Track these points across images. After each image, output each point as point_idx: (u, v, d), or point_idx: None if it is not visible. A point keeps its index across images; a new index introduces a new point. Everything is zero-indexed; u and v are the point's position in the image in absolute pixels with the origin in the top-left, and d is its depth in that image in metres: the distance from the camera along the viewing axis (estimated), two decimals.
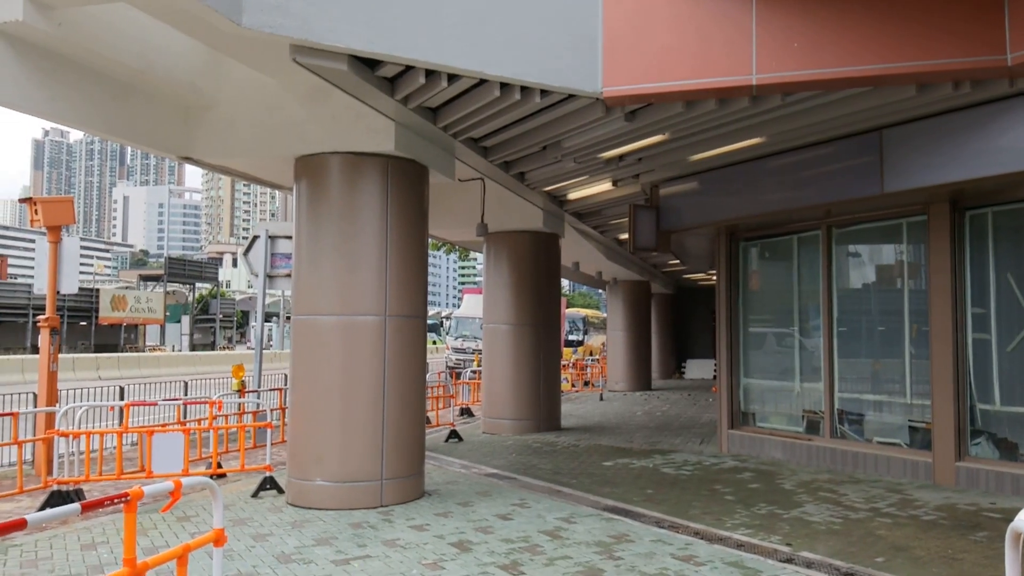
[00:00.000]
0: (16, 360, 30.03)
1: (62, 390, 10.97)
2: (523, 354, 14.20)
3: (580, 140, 8.83)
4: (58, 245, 9.92)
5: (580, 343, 34.95)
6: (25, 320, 50.27)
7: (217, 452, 9.38)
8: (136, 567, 3.16)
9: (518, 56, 6.76)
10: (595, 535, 6.84)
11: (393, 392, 8.26)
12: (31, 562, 6.00)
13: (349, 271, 8.20)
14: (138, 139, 8.13)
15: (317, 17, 6.01)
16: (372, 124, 7.99)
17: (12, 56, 6.49)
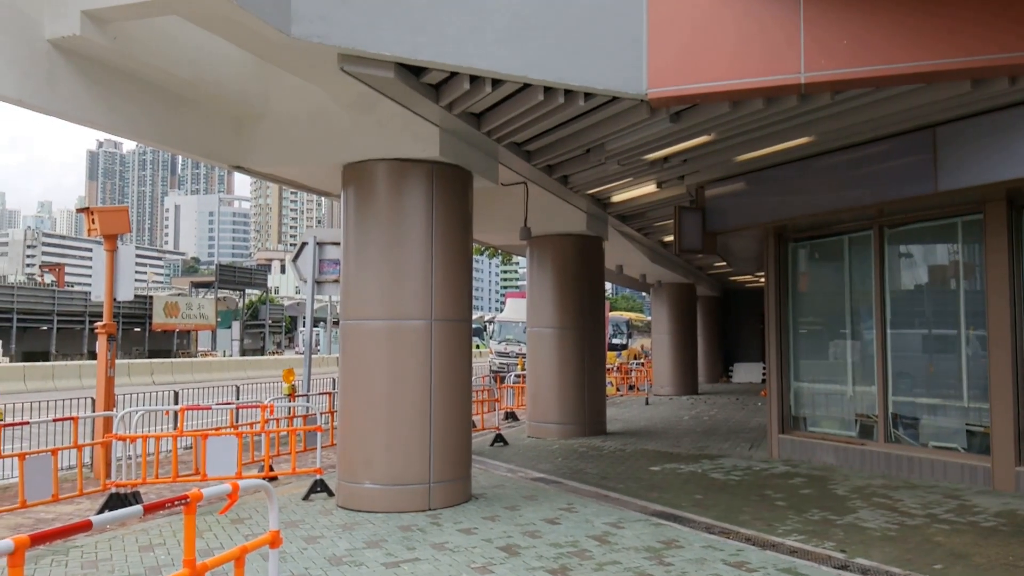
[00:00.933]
0: (74, 366, 30.96)
1: (119, 395, 11.27)
2: (567, 358, 14.17)
3: (624, 142, 8.79)
4: (114, 253, 10.21)
5: (624, 347, 34.71)
6: (82, 327, 51.83)
7: (269, 455, 9.54)
8: (196, 568, 3.23)
9: (562, 60, 6.76)
10: (644, 540, 6.79)
11: (440, 395, 8.31)
12: (91, 563, 6.17)
13: (395, 276, 8.29)
14: (191, 149, 8.33)
15: (364, 26, 6.09)
16: (417, 131, 8.07)
17: (70, 70, 6.69)
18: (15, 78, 6.27)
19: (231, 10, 5.38)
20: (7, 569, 2.60)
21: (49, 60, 6.50)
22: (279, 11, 5.70)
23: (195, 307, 57.06)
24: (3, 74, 6.16)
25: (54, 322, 50.65)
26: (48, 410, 11.21)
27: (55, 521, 7.90)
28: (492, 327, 36.95)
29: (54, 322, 50.65)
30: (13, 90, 6.30)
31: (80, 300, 53.79)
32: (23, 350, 47.15)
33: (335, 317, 65.81)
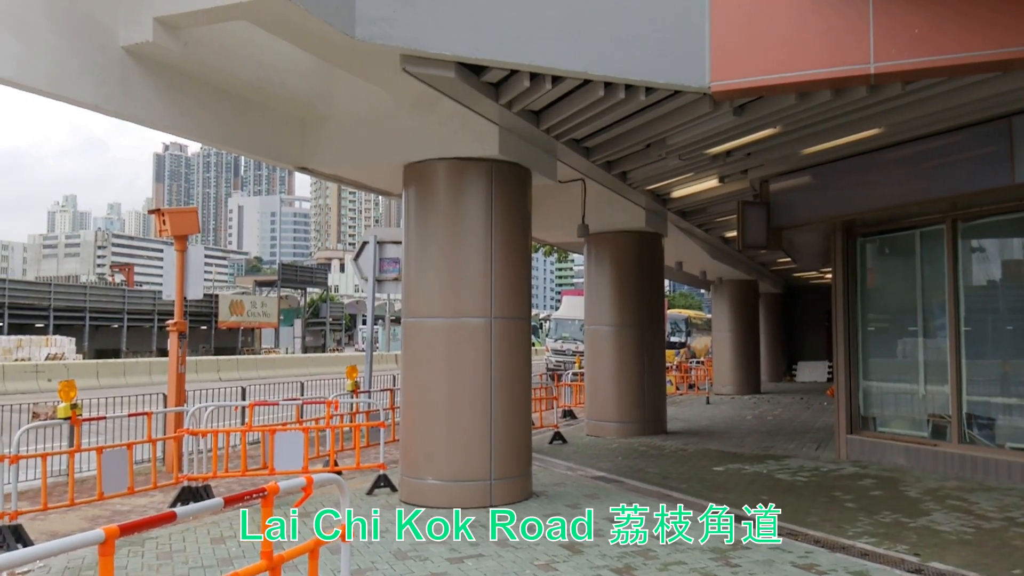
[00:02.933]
0: (144, 363, 32.03)
1: (189, 391, 11.60)
2: (626, 356, 14.05)
3: (685, 136, 8.67)
4: (184, 253, 10.52)
5: (683, 345, 34.27)
6: (150, 325, 53.57)
7: (334, 450, 9.70)
8: (273, 560, 3.30)
9: (623, 54, 6.70)
10: (709, 541, 6.68)
11: (500, 392, 8.33)
12: (166, 554, 6.37)
13: (455, 274, 8.34)
14: (258, 151, 8.53)
15: (426, 26, 6.14)
16: (477, 129, 8.10)
17: (143, 76, 6.91)
18: (91, 84, 6.50)
19: (298, 14, 5.48)
20: (98, 558, 2.70)
21: (123, 66, 6.72)
22: (343, 14, 5.79)
23: (259, 305, 58.45)
24: (80, 81, 6.40)
25: (124, 320, 52.47)
26: (122, 405, 11.61)
27: (131, 513, 8.18)
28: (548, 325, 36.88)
29: (124, 320, 52.47)
30: (90, 96, 6.54)
31: (149, 299, 55.64)
32: (95, 347, 48.98)
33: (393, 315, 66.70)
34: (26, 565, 5.62)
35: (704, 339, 36.59)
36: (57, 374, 26.63)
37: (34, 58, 6.01)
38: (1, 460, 7.01)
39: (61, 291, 51.52)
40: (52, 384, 25.24)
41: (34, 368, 27.87)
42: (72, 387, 8.25)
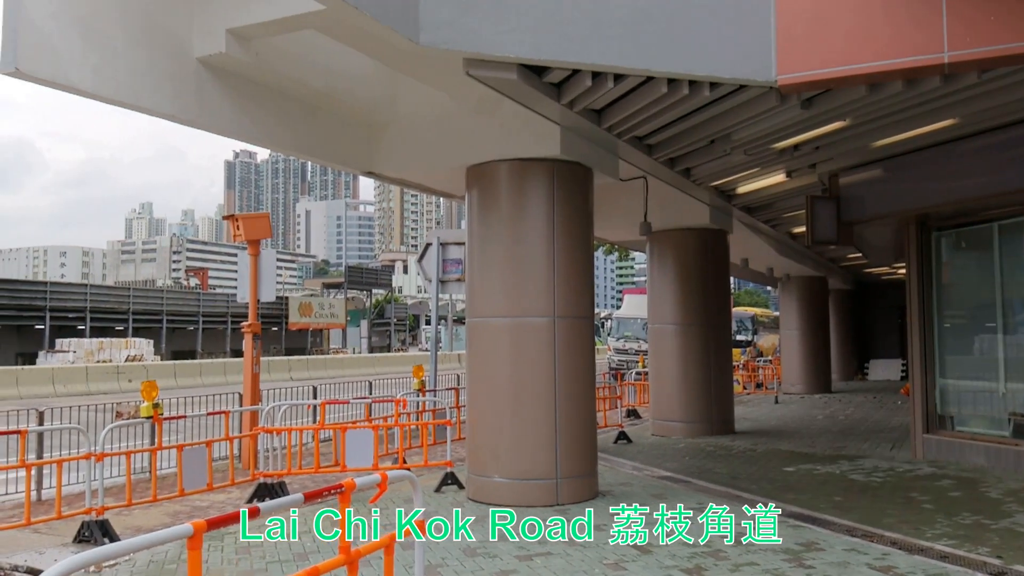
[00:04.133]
0: (219, 363, 33.09)
1: (262, 390, 11.95)
2: (692, 354, 13.89)
3: (751, 131, 8.54)
4: (257, 257, 10.85)
5: (749, 343, 33.65)
6: (224, 326, 55.23)
7: (403, 448, 9.87)
8: (350, 554, 3.40)
9: (686, 50, 6.64)
10: (782, 542, 6.58)
11: (564, 391, 8.35)
12: (244, 548, 6.59)
13: (518, 274, 8.40)
14: (326, 157, 8.74)
15: (488, 30, 6.21)
16: (538, 130, 8.14)
17: (217, 86, 7.17)
18: (168, 95, 6.78)
19: (365, 22, 5.61)
20: (186, 551, 2.83)
21: (197, 77, 6.99)
22: (408, 21, 5.90)
23: (326, 307, 59.69)
24: (157, 92, 6.68)
25: (199, 322, 54.21)
26: (199, 405, 12.03)
27: (209, 509, 8.47)
28: (609, 324, 36.62)
29: (199, 322, 54.21)
30: (166, 106, 6.82)
31: (222, 301, 57.38)
32: (172, 349, 50.73)
33: (455, 315, 67.27)
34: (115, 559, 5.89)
35: (771, 337, 35.86)
36: (137, 375, 27.75)
37: (113, 71, 6.29)
38: (88, 457, 7.35)
39: (139, 295, 53.54)
40: (132, 384, 26.35)
41: (115, 369, 29.07)
42: (154, 387, 8.60)
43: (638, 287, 67.89)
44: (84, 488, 7.40)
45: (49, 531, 7.36)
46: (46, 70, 5.81)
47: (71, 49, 5.93)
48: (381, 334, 70.78)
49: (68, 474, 8.24)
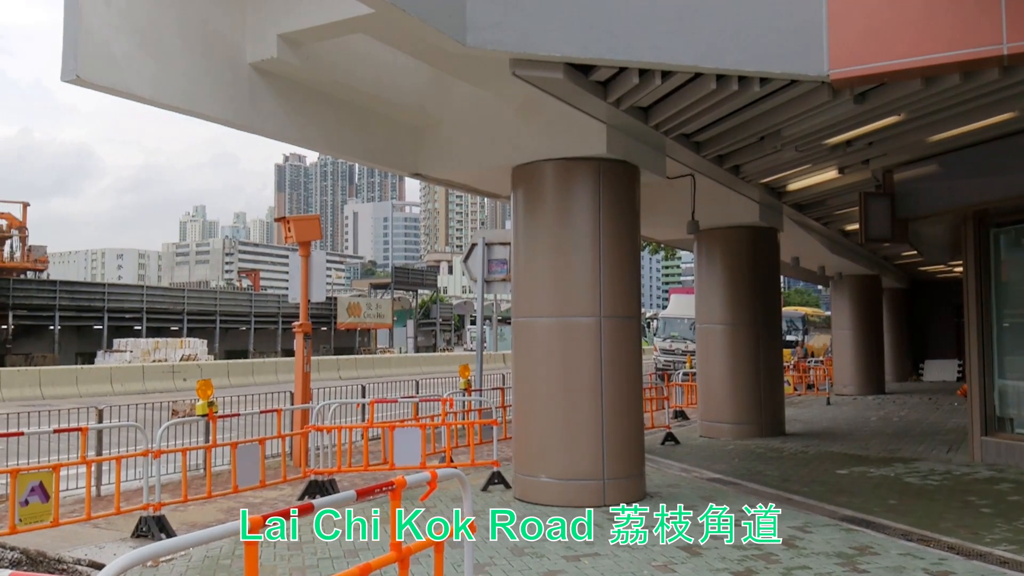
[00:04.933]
0: (270, 362, 33.72)
1: (312, 389, 12.14)
2: (741, 355, 13.70)
3: (802, 127, 8.38)
4: (308, 259, 11.03)
5: (799, 343, 33.04)
6: (275, 326, 56.26)
7: (450, 447, 9.93)
8: (401, 551, 3.44)
9: (735, 45, 6.55)
10: (834, 545, 6.46)
11: (611, 392, 8.31)
12: (296, 545, 6.69)
13: (564, 273, 8.38)
14: (375, 159, 8.84)
15: (534, 29, 6.21)
16: (584, 128, 8.12)
17: (269, 91, 7.31)
18: (222, 100, 6.93)
19: (412, 24, 5.66)
20: (241, 547, 2.89)
21: (250, 82, 7.13)
22: (455, 22, 5.93)
23: (374, 307, 60.39)
24: (212, 97, 6.83)
25: (251, 323, 55.33)
26: (251, 403, 12.27)
27: (262, 505, 8.63)
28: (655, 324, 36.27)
29: (251, 323, 55.33)
30: (221, 112, 6.97)
31: (273, 302, 58.49)
32: (225, 348, 51.87)
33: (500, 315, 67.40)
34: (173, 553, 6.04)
35: (822, 337, 35.16)
36: (191, 374, 28.43)
37: (170, 77, 6.45)
38: (146, 454, 7.55)
39: (193, 296, 54.87)
40: (187, 383, 27.01)
41: (171, 368, 29.83)
42: (209, 386, 8.80)
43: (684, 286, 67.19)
44: (141, 484, 7.61)
45: (108, 526, 7.58)
46: (105, 77, 5.98)
47: (129, 56, 6.10)
48: (427, 334, 71.34)
49: (125, 470, 8.47)
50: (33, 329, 44.12)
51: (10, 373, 25.20)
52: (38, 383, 24.73)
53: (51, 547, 6.49)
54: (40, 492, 6.90)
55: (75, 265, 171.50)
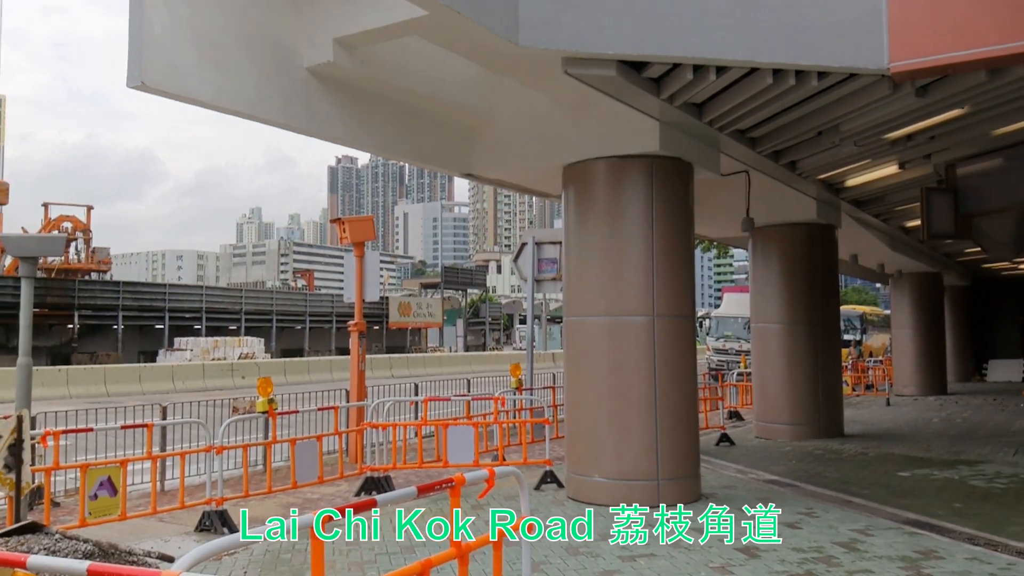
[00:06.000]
0: (325, 361, 34.28)
1: (367, 387, 12.31)
2: (798, 354, 13.44)
3: (862, 121, 8.20)
4: (362, 259, 11.19)
5: (857, 343, 32.28)
6: (329, 325, 57.16)
7: (502, 445, 9.97)
8: (461, 548, 3.48)
9: (792, 39, 6.43)
10: (897, 549, 6.30)
11: (664, 391, 8.24)
12: (353, 540, 6.80)
13: (616, 272, 8.34)
14: (427, 160, 8.92)
15: (587, 27, 6.20)
16: (636, 126, 8.07)
17: (325, 94, 7.43)
18: (280, 105, 7.07)
19: (466, 26, 5.71)
20: (310, 541, 2.95)
21: (306, 86, 7.26)
22: (508, 22, 5.96)
23: (424, 306, 60.87)
24: (270, 102, 6.98)
25: (306, 322, 56.32)
26: (308, 400, 12.50)
27: (320, 501, 8.78)
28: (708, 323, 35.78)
29: (306, 322, 56.32)
30: (278, 115, 7.12)
31: (327, 301, 59.42)
32: (281, 347, 52.88)
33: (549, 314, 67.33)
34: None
35: (881, 336, 34.29)
36: (249, 372, 29.08)
37: (229, 82, 6.61)
38: (209, 450, 7.75)
39: (251, 296, 56.12)
40: (246, 381, 27.64)
41: (229, 367, 30.55)
42: (269, 383, 8.99)
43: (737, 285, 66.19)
44: (204, 480, 7.81)
45: (172, 520, 7.80)
46: (168, 83, 6.16)
47: (190, 63, 6.27)
48: (476, 333, 71.68)
49: (188, 466, 8.70)
50: (97, 328, 45.59)
51: (77, 371, 26.09)
52: (103, 381, 25.56)
53: (119, 540, 6.71)
54: (108, 487, 7.13)
55: (137, 266, 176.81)
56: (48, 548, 4.60)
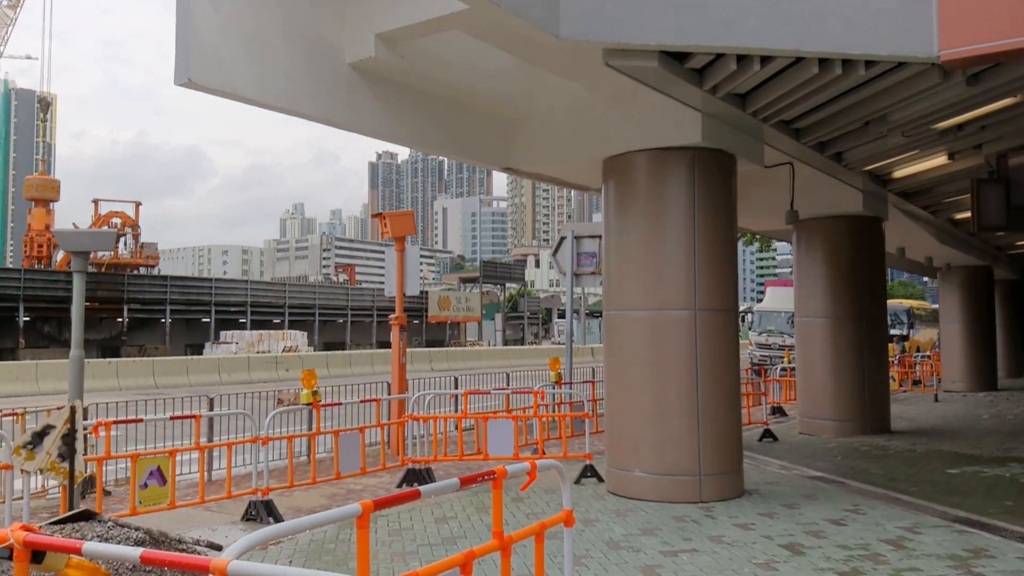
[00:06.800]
0: (366, 354, 34.66)
1: (408, 380, 12.41)
2: (843, 349, 13.20)
3: (910, 111, 8.01)
4: (403, 253, 11.28)
5: (904, 337, 31.60)
6: (370, 319, 57.77)
7: (542, 438, 9.98)
8: (504, 540, 3.49)
9: (839, 27, 6.30)
10: (946, 547, 6.17)
11: (706, 386, 8.16)
12: (396, 531, 6.87)
13: (657, 266, 8.28)
14: (467, 154, 8.95)
15: (628, 18, 6.14)
16: (678, 117, 7.99)
17: (367, 90, 7.49)
18: (322, 100, 7.14)
19: (507, 19, 5.70)
20: (342, 533, 2.99)
21: (348, 82, 7.32)
22: (549, 15, 5.94)
23: (463, 301, 61.12)
24: (313, 97, 7.05)
25: (348, 316, 57.01)
26: (350, 393, 12.64)
27: (363, 492, 8.89)
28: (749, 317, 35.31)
29: (348, 316, 57.01)
30: (321, 111, 7.19)
31: (368, 296, 60.07)
32: (323, 341, 53.59)
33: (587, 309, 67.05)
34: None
35: (929, 331, 33.53)
36: (293, 365, 29.52)
37: (273, 79, 6.69)
38: (255, 441, 7.88)
39: (294, 290, 57.04)
40: (289, 373, 28.07)
41: (274, 359, 31.06)
42: (313, 376, 9.12)
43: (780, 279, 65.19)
44: (249, 470, 7.95)
45: (219, 509, 7.96)
46: (214, 80, 6.26)
47: (236, 60, 6.36)
48: (515, 327, 71.76)
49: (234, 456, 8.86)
50: (146, 322, 46.68)
51: (126, 363, 26.75)
52: (152, 373, 26.17)
53: (169, 528, 6.87)
54: (158, 476, 7.31)
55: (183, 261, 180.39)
56: (101, 535, 4.72)
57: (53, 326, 41.97)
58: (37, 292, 40.55)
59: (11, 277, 41.53)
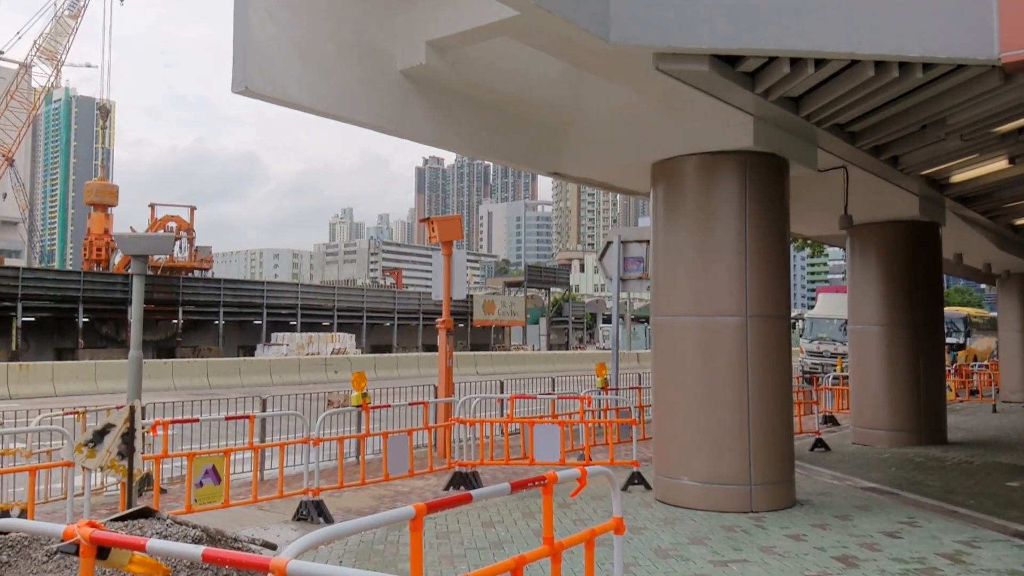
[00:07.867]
0: (413, 357, 34.96)
1: (454, 383, 12.47)
2: (898, 358, 12.89)
3: (970, 114, 7.79)
4: (450, 257, 11.36)
5: (961, 346, 30.72)
6: (416, 323, 58.23)
7: (589, 445, 9.94)
8: (554, 546, 3.50)
9: (895, 29, 6.18)
10: (1006, 563, 5.98)
11: (758, 394, 8.04)
12: (444, 534, 6.92)
13: (707, 271, 8.19)
14: (515, 159, 8.98)
15: (680, 21, 6.11)
16: (729, 121, 7.91)
17: (418, 96, 7.58)
18: (374, 107, 7.25)
19: (557, 25, 5.72)
20: (409, 532, 3.03)
21: (400, 88, 7.42)
22: (598, 19, 5.94)
23: (508, 305, 61.22)
24: (365, 104, 7.16)
25: (395, 319, 57.55)
26: (397, 395, 12.75)
27: (410, 494, 8.96)
28: (801, 324, 34.66)
29: (395, 319, 57.55)
30: (373, 118, 7.30)
31: (414, 299, 60.58)
32: (371, 343, 54.19)
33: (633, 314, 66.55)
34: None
35: (986, 340, 32.53)
36: (341, 367, 29.93)
37: (327, 86, 6.82)
38: (307, 442, 8.01)
39: (343, 293, 57.78)
40: (338, 375, 28.46)
41: (323, 361, 31.52)
42: (363, 378, 9.23)
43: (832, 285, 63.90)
44: (300, 470, 8.08)
45: (271, 509, 8.10)
46: (270, 88, 6.40)
47: (291, 68, 6.50)
48: (559, 332, 71.62)
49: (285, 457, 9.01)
50: (200, 324, 47.75)
51: (181, 364, 27.42)
52: (206, 373, 26.78)
53: (223, 526, 7.02)
54: (213, 475, 7.47)
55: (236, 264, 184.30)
56: (160, 532, 4.85)
57: (111, 327, 43.23)
58: (96, 294, 41.82)
59: (71, 279, 42.88)
